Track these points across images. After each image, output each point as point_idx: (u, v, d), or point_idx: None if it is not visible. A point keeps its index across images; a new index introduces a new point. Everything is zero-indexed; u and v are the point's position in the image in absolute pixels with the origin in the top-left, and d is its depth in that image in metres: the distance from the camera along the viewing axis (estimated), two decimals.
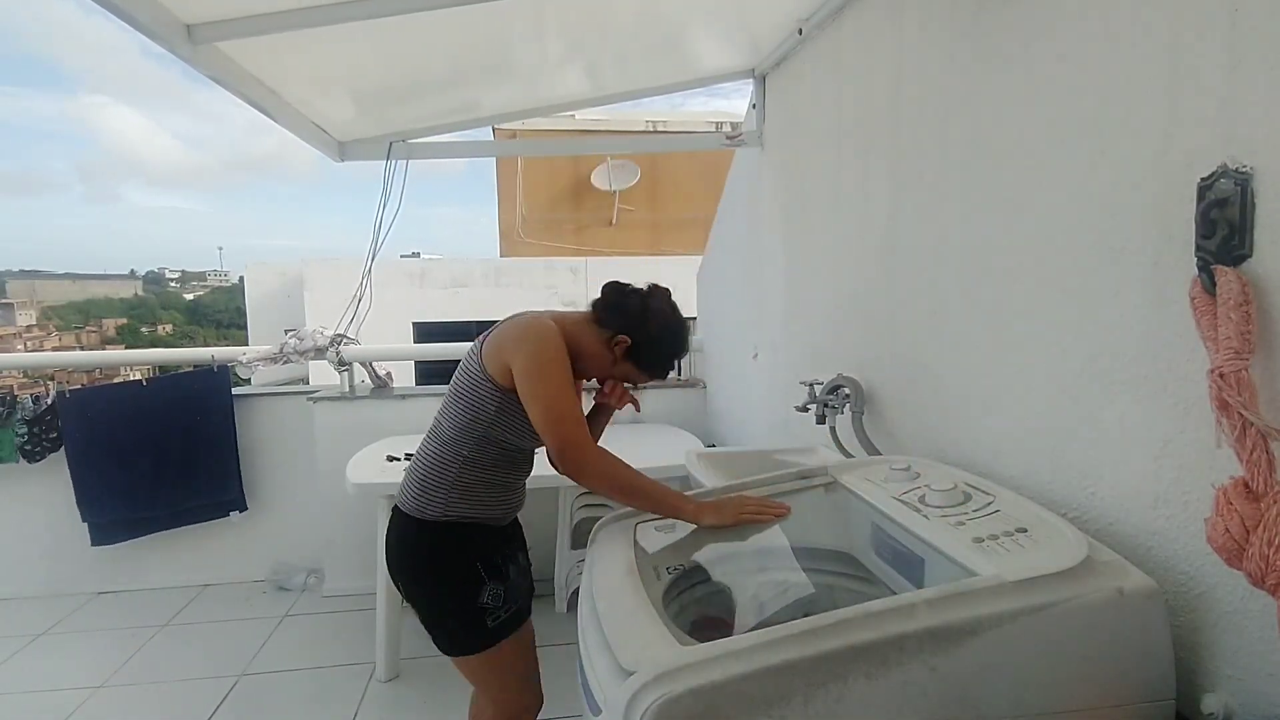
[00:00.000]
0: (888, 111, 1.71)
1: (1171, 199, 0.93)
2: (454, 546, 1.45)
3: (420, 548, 1.46)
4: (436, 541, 1.45)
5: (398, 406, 3.22)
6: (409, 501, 1.48)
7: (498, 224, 10.57)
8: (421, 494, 1.46)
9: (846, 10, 1.95)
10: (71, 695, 2.42)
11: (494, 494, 1.49)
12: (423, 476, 1.48)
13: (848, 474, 1.35)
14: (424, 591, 1.49)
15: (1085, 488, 1.11)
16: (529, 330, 1.42)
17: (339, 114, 2.57)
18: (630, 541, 1.24)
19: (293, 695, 2.43)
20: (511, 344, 1.42)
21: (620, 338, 1.48)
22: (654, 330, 1.49)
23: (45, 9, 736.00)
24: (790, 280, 2.42)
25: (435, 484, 1.46)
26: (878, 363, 1.81)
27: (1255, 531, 0.73)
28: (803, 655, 0.79)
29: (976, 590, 0.85)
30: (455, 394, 1.49)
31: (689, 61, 2.71)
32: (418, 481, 1.48)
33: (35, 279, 74.48)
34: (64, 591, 3.20)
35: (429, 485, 1.46)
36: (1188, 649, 0.93)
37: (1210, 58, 0.87)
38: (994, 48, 1.30)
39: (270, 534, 3.35)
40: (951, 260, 1.46)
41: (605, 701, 0.84)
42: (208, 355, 3.30)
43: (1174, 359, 0.94)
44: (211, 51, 1.80)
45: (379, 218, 2.78)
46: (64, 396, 3.09)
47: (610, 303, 1.51)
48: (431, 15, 1.80)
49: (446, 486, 1.45)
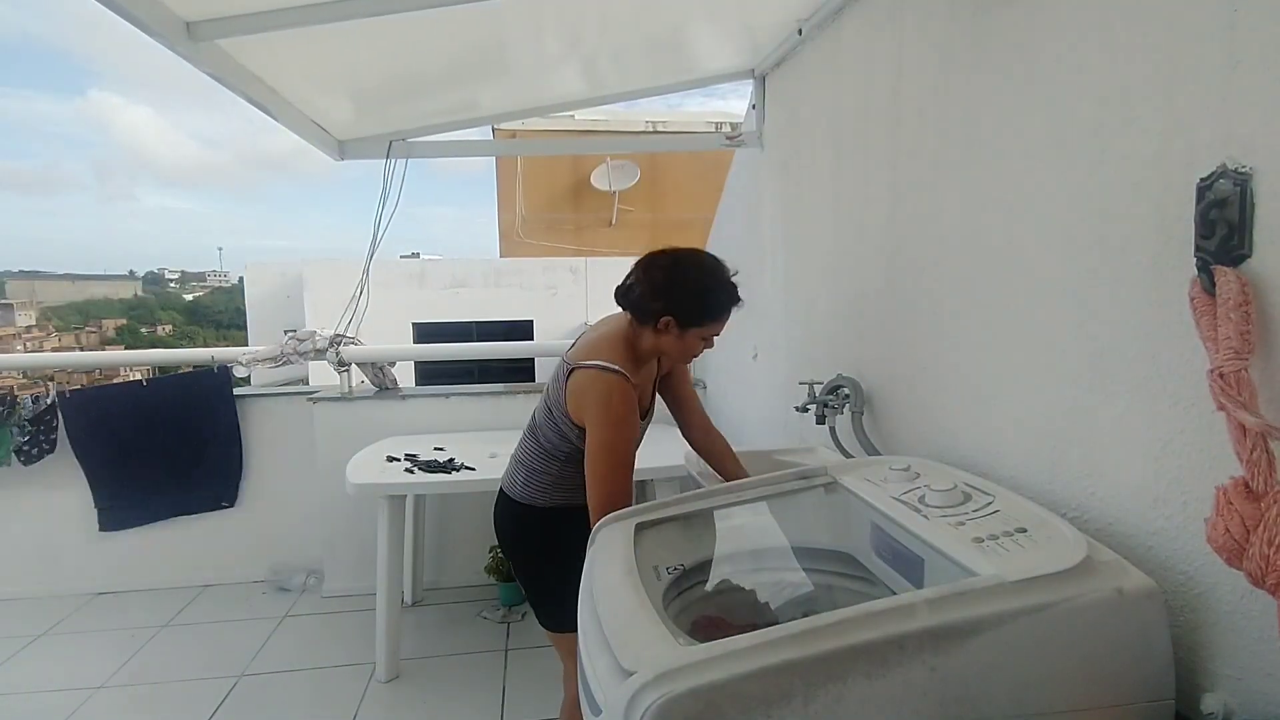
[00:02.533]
0: (887, 111, 1.71)
1: (1171, 199, 0.93)
2: (561, 530, 1.56)
3: (530, 530, 1.60)
4: (545, 525, 1.58)
5: (398, 407, 3.22)
6: (516, 489, 1.62)
7: (497, 224, 10.57)
8: (528, 484, 1.61)
9: (846, 11, 1.95)
10: (71, 696, 2.41)
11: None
12: (529, 469, 1.61)
13: (847, 474, 1.35)
14: (532, 570, 1.61)
15: (1085, 488, 1.11)
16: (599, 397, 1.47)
17: (339, 113, 2.57)
18: (630, 541, 1.24)
19: (293, 696, 2.43)
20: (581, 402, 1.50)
21: (664, 320, 1.51)
22: (679, 292, 1.50)
23: (68, 4, 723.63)
24: (790, 280, 2.42)
25: (539, 477, 1.60)
26: (877, 363, 1.81)
27: (1255, 531, 0.73)
28: (803, 655, 0.79)
29: (976, 590, 0.85)
30: (549, 412, 1.59)
31: (689, 62, 2.71)
32: (524, 472, 1.62)
33: (35, 279, 74.44)
34: (64, 592, 3.20)
35: (534, 477, 1.60)
36: (1187, 649, 0.93)
37: (1210, 57, 0.87)
38: (993, 48, 1.30)
39: (270, 534, 3.35)
40: (951, 260, 1.46)
41: (605, 702, 0.84)
42: (207, 356, 3.30)
43: (1174, 359, 0.94)
44: (211, 49, 1.80)
45: (378, 217, 2.78)
46: (64, 397, 3.09)
47: (631, 305, 1.55)
48: (431, 14, 1.80)
49: (550, 483, 1.59)
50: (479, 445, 2.82)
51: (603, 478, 1.45)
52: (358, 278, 3.02)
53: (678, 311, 1.50)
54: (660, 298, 1.50)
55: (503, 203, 10.42)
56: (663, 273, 1.51)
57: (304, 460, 3.24)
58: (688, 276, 1.52)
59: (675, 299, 1.50)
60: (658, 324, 1.51)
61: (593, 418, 1.48)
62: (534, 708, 2.30)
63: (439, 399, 3.26)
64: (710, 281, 1.53)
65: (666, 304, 1.50)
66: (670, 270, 1.52)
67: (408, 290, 9.19)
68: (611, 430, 1.47)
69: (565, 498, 1.59)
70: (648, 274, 1.52)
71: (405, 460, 2.61)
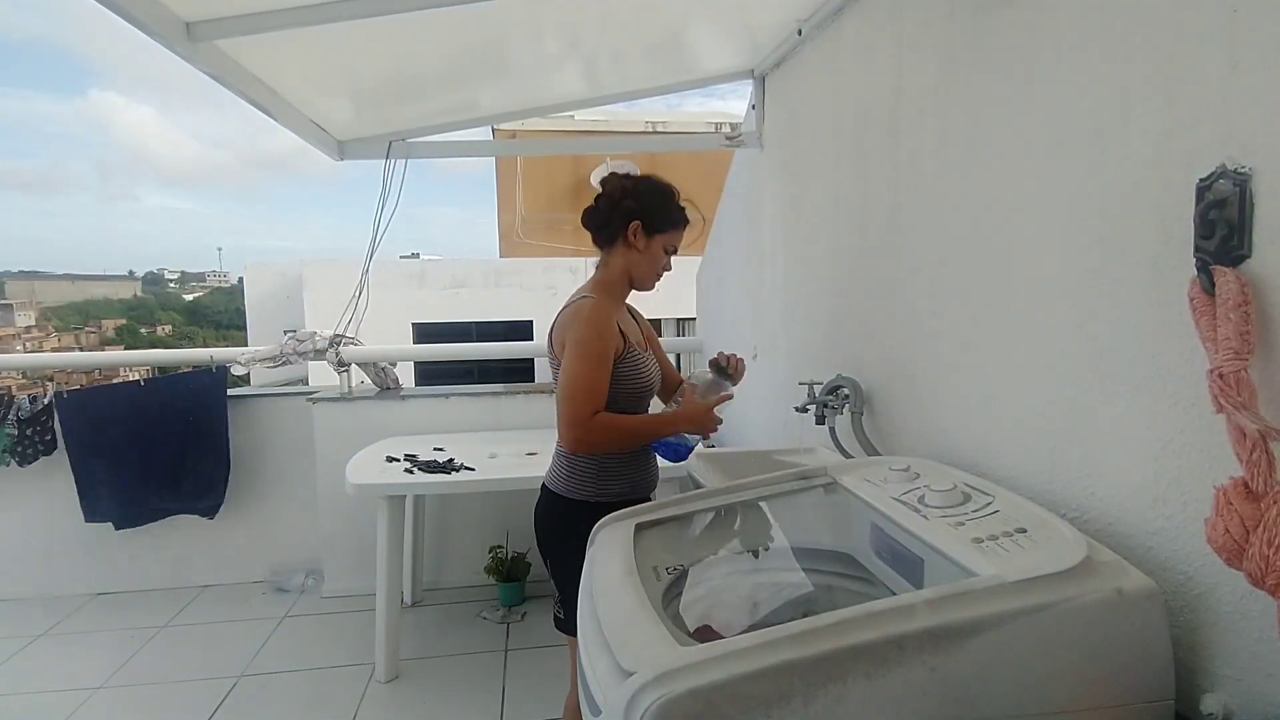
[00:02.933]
0: (887, 111, 1.71)
1: (1170, 199, 0.93)
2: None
3: (569, 525, 1.58)
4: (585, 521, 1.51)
5: (397, 407, 3.22)
6: (559, 483, 1.63)
7: (497, 225, 10.58)
8: (571, 477, 1.62)
9: (846, 11, 1.95)
10: (71, 696, 2.41)
11: (632, 466, 1.65)
12: (570, 462, 1.62)
13: (847, 474, 1.35)
14: (566, 567, 1.56)
15: (1084, 488, 1.11)
16: (575, 314, 1.59)
17: (338, 113, 2.57)
18: (630, 541, 1.24)
19: (292, 696, 2.42)
20: (560, 330, 1.60)
21: (632, 226, 1.61)
22: (647, 197, 1.63)
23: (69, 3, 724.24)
24: (789, 280, 2.42)
25: (583, 468, 1.61)
26: (877, 363, 1.81)
27: (1255, 532, 0.73)
28: (802, 656, 0.79)
29: (976, 591, 0.85)
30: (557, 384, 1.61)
31: (688, 62, 2.71)
32: (566, 465, 1.63)
33: (34, 279, 74.44)
34: (63, 593, 3.20)
35: (576, 468, 1.62)
36: (1187, 649, 0.93)
37: (1209, 58, 0.87)
38: (993, 48, 1.30)
39: (269, 535, 3.35)
40: (951, 260, 1.46)
41: (605, 702, 0.84)
42: (206, 356, 3.30)
43: (1173, 359, 0.94)
44: (211, 49, 1.80)
45: (378, 217, 2.78)
46: (62, 397, 3.09)
47: (596, 224, 1.66)
48: (431, 14, 1.80)
49: (594, 469, 1.61)
50: (479, 445, 2.82)
51: (575, 377, 1.52)
52: (357, 278, 3.02)
53: (645, 212, 1.62)
54: (629, 196, 1.62)
55: (502, 203, 10.43)
56: (630, 179, 1.65)
57: (303, 460, 3.24)
58: (652, 182, 1.66)
59: (643, 198, 1.62)
60: (626, 232, 1.61)
61: (568, 326, 1.57)
62: (534, 708, 2.29)
63: (439, 399, 3.26)
64: (670, 190, 1.66)
65: (635, 203, 1.61)
66: (636, 179, 1.66)
67: (407, 290, 9.20)
68: (585, 329, 1.55)
69: (613, 489, 1.60)
70: (616, 182, 1.65)
71: (405, 460, 2.61)
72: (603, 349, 1.55)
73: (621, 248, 1.64)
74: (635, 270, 1.66)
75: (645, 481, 1.70)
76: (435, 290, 9.36)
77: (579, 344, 1.54)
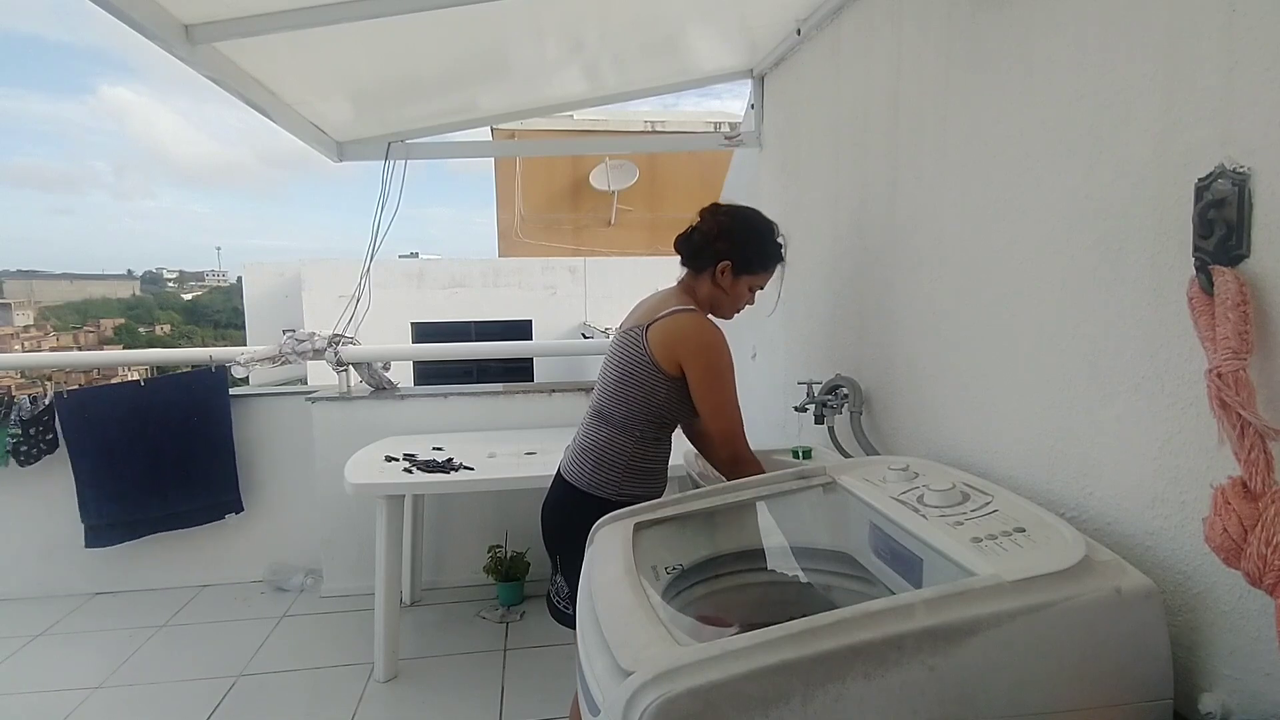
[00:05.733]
0: (886, 111, 1.71)
1: (1169, 199, 0.93)
2: None
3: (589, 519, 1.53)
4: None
5: (396, 407, 3.22)
6: (583, 478, 1.61)
7: (496, 224, 10.57)
8: (597, 472, 1.61)
9: (845, 11, 1.95)
10: (69, 696, 2.41)
11: (657, 471, 1.66)
12: (598, 457, 1.61)
13: (846, 474, 1.35)
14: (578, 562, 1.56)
15: (1083, 487, 1.11)
16: (702, 339, 1.56)
17: (337, 114, 2.57)
18: (629, 541, 1.24)
19: (291, 696, 2.42)
20: (684, 349, 1.55)
21: (722, 265, 1.61)
22: (741, 235, 1.62)
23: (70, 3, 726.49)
24: (789, 280, 2.42)
25: (611, 463, 1.60)
26: (876, 363, 1.81)
27: (1253, 531, 0.73)
28: (801, 655, 0.79)
29: (975, 590, 0.85)
30: (622, 382, 1.61)
31: (687, 62, 2.71)
32: (593, 460, 1.61)
33: (33, 279, 74.36)
34: (61, 592, 3.20)
35: (604, 465, 1.60)
36: (1185, 648, 0.93)
37: (1208, 58, 0.87)
38: (992, 48, 1.31)
39: (268, 534, 3.35)
40: (949, 260, 1.46)
41: (604, 702, 0.84)
42: (205, 355, 3.29)
43: (1172, 359, 0.94)
44: (210, 52, 1.80)
45: (377, 218, 2.78)
46: (61, 397, 3.08)
47: (688, 252, 1.64)
48: (429, 16, 1.80)
49: (622, 467, 1.60)
50: (477, 445, 2.82)
51: (727, 400, 1.55)
52: (356, 278, 3.01)
53: (737, 254, 1.60)
54: (724, 238, 1.60)
55: (501, 203, 10.42)
56: (728, 217, 1.63)
57: (302, 460, 3.23)
58: (750, 221, 1.65)
59: (737, 240, 1.61)
60: (716, 268, 1.60)
61: (693, 350, 1.55)
62: (533, 708, 2.29)
63: (437, 399, 3.26)
64: (767, 231, 1.66)
65: (729, 245, 1.60)
66: (734, 214, 1.64)
67: (406, 290, 9.19)
68: (716, 354, 1.55)
69: (633, 489, 1.59)
70: (713, 217, 1.63)
71: (404, 460, 2.60)
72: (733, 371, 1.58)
73: (709, 279, 1.63)
74: (717, 303, 1.66)
75: (660, 487, 1.70)
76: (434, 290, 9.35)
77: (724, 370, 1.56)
